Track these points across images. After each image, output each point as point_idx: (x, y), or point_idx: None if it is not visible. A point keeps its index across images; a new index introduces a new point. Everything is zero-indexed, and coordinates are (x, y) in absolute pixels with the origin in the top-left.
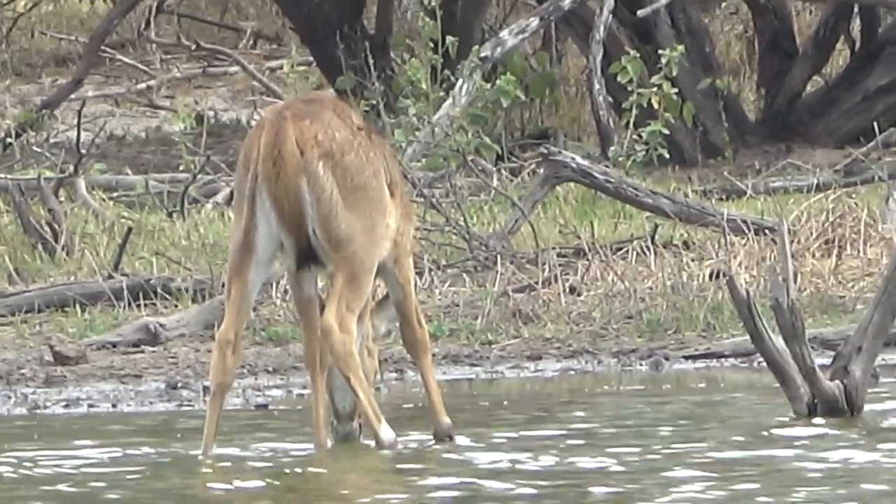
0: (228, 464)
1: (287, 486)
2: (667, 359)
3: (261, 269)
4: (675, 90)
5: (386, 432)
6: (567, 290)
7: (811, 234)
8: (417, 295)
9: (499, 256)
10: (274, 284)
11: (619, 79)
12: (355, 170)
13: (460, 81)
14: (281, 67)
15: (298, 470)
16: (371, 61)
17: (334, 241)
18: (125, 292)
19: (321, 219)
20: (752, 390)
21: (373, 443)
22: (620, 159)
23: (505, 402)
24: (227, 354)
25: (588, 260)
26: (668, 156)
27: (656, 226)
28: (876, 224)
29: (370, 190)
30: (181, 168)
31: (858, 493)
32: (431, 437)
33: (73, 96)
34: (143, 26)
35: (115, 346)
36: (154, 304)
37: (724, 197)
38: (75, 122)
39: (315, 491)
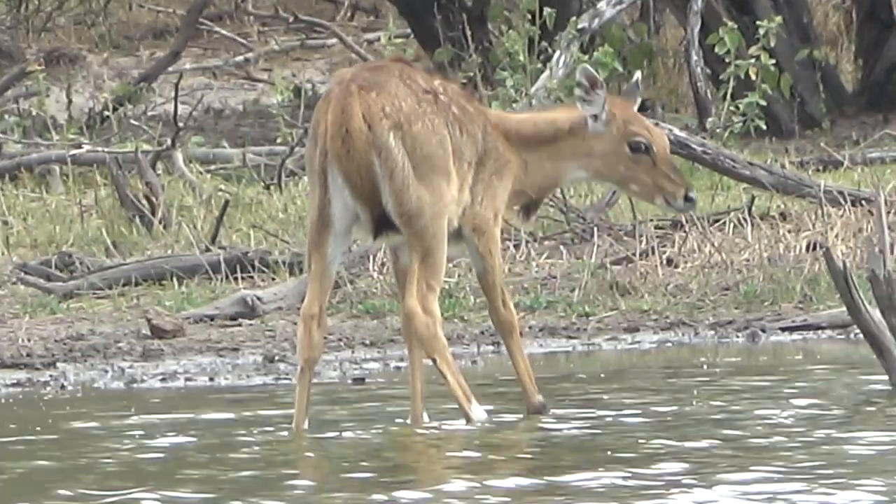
0: (322, 438)
1: (380, 460)
2: (763, 330)
3: (339, 241)
4: (773, 61)
5: (477, 412)
6: (664, 261)
7: None
8: (503, 272)
9: (596, 228)
10: (371, 257)
11: (716, 50)
12: (423, 139)
13: (557, 53)
14: (378, 39)
15: (392, 445)
16: (469, 33)
17: (406, 215)
18: (222, 265)
19: (395, 192)
20: (849, 362)
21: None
22: (718, 131)
23: (602, 375)
24: (312, 329)
25: (685, 232)
26: (765, 127)
27: (753, 197)
28: None
29: (437, 158)
30: (279, 141)
31: None
32: (525, 412)
33: (170, 69)
34: None
35: (212, 319)
36: (251, 277)
37: (820, 168)
38: (173, 94)
39: (409, 465)
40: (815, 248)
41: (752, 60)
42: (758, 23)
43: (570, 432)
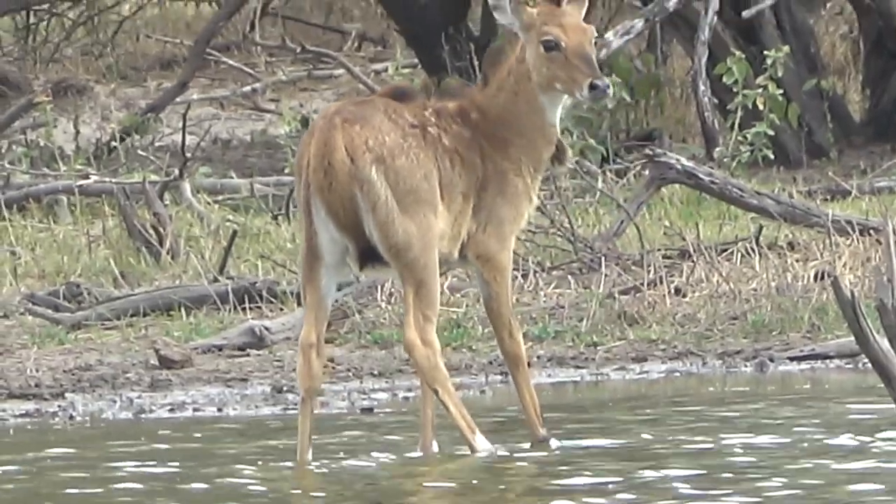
0: (330, 467)
1: (388, 490)
2: (772, 360)
3: (331, 272)
4: (780, 91)
5: (481, 443)
6: (672, 291)
7: None
8: (511, 301)
9: (604, 258)
10: (379, 288)
11: (724, 80)
12: (406, 172)
13: None
14: (386, 69)
15: (400, 474)
16: (476, 63)
17: (393, 248)
18: (230, 295)
19: (379, 225)
20: (858, 391)
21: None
22: (725, 160)
23: (609, 404)
24: (312, 358)
25: (693, 261)
26: (772, 156)
27: (761, 227)
28: None
29: (422, 192)
30: (286, 171)
31: None
32: (529, 443)
33: (178, 99)
34: (247, 29)
35: (220, 349)
36: (259, 308)
37: (828, 197)
38: (180, 125)
39: (416, 494)
40: (823, 278)
41: (760, 90)
42: (765, 53)
43: (576, 463)
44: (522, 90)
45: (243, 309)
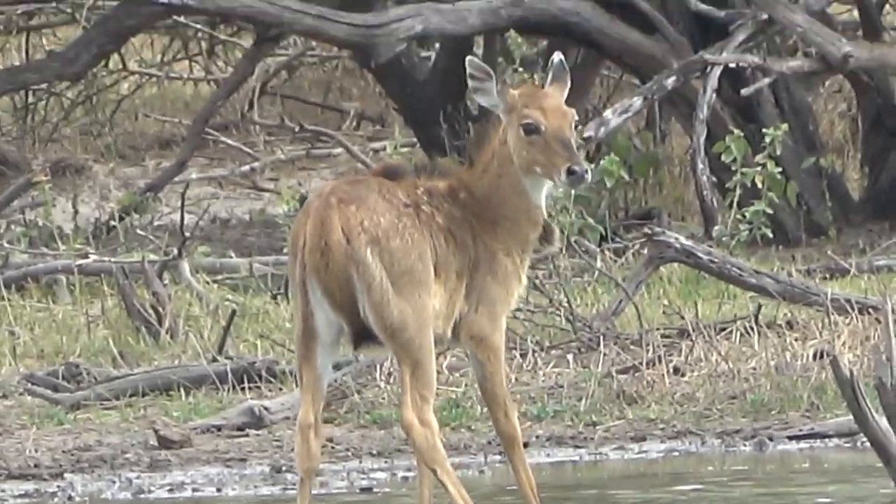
0: None
1: None
2: (771, 439)
3: (327, 350)
4: (779, 169)
5: None
6: (671, 370)
7: None
8: (505, 381)
9: (602, 337)
10: (378, 367)
11: (722, 158)
12: (401, 254)
13: None
14: (384, 148)
15: None
16: None
17: (389, 329)
18: (229, 375)
19: (373, 306)
20: (857, 471)
21: None
22: (724, 239)
23: (608, 484)
24: (310, 438)
25: (692, 340)
26: (771, 235)
27: (760, 306)
28: None
29: (416, 273)
30: (285, 250)
31: None
32: None
33: (176, 179)
34: (246, 108)
35: (219, 429)
36: (258, 388)
37: (827, 276)
38: (179, 204)
39: None
40: (822, 357)
41: (759, 168)
42: (764, 131)
43: None
44: (506, 172)
45: (242, 389)
